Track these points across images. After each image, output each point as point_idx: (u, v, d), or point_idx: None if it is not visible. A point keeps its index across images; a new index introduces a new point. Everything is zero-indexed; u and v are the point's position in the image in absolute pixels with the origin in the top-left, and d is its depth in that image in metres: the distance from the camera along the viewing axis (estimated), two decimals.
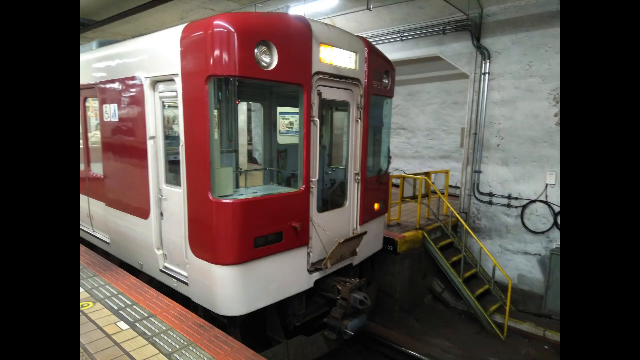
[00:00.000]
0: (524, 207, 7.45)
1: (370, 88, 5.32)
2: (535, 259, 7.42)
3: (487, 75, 7.71)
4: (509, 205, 7.66)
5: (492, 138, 7.78)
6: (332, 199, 5.67)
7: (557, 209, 7.03)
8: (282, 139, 6.37)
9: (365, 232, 5.37)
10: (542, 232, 7.24)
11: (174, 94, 4.28)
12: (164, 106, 4.64)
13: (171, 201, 4.53)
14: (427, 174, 8.30)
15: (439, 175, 8.70)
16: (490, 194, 7.89)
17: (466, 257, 7.20)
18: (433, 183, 7.90)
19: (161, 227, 4.76)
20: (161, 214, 4.73)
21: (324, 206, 5.37)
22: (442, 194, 7.80)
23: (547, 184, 7.13)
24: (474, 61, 7.88)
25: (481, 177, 8.02)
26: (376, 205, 5.89)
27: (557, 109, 6.92)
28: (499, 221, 7.86)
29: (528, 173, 7.37)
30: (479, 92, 7.87)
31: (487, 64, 7.68)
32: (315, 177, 4.64)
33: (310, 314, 5.14)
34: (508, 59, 7.45)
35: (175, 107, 4.26)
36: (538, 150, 7.21)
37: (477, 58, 7.82)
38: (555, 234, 7.08)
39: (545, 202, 7.18)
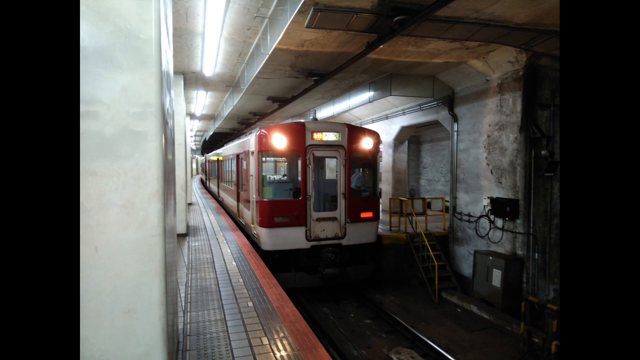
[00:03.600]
0: (476, 221, 10.63)
1: (349, 149, 10.31)
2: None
3: (456, 132, 11.42)
4: (469, 221, 10.92)
5: (460, 174, 11.29)
6: (327, 205, 10.76)
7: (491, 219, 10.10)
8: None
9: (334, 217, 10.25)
10: (483, 236, 10.31)
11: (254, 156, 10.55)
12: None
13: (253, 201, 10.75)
14: (424, 199, 12.21)
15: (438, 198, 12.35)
16: (461, 213, 11.26)
17: (432, 256, 10.84)
18: (429, 205, 11.79)
19: (252, 212, 10.91)
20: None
21: (322, 207, 10.49)
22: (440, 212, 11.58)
23: (484, 205, 10.28)
24: (450, 123, 11.70)
25: (457, 202, 11.47)
26: (362, 214, 10.64)
27: (487, 154, 10.21)
28: (466, 232, 11.11)
29: (476, 198, 10.63)
30: (454, 144, 11.58)
31: (456, 125, 11.42)
32: (310, 193, 10.01)
33: (309, 263, 10.25)
34: (465, 121, 11.09)
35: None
36: (479, 182, 10.48)
37: (451, 121, 11.63)
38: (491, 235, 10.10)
39: (486, 217, 10.28)
